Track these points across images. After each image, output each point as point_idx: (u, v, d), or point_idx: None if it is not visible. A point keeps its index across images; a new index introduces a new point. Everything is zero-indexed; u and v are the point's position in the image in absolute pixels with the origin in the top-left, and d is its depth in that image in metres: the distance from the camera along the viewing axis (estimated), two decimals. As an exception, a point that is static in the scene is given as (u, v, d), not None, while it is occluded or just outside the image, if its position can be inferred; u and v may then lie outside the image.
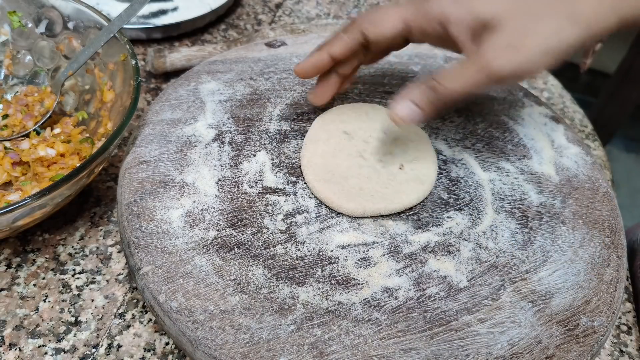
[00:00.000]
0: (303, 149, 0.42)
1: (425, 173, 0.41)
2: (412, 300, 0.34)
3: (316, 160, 0.40)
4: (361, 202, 0.38)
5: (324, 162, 0.40)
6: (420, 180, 0.40)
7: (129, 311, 0.38)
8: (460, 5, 0.35)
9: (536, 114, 0.49)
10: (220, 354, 0.30)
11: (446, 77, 0.35)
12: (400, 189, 0.39)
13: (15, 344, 0.36)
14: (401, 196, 0.39)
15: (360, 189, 0.39)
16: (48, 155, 0.41)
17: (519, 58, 0.33)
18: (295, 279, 0.34)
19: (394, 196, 0.39)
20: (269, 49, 0.52)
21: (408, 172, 0.41)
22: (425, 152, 0.42)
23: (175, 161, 0.40)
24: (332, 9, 0.74)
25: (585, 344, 0.33)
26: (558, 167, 0.44)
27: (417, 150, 0.42)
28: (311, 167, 0.40)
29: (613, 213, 0.41)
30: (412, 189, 0.39)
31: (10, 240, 0.42)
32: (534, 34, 0.33)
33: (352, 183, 0.39)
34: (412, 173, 0.41)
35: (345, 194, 0.38)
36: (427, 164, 0.41)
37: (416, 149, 0.42)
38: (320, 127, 0.43)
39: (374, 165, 0.41)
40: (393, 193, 0.39)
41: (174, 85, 0.46)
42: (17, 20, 0.48)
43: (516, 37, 0.34)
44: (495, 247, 0.38)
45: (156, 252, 0.34)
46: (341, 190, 0.39)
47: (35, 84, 0.49)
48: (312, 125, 0.44)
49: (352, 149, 0.42)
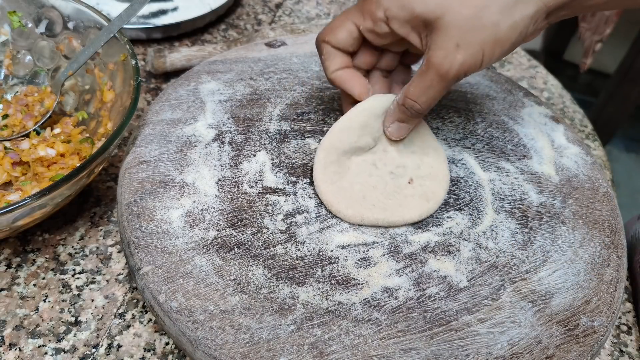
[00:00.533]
0: (319, 148, 0.41)
1: (433, 191, 0.40)
2: (412, 300, 0.34)
3: (328, 160, 0.40)
4: (360, 210, 0.38)
5: (334, 165, 0.40)
6: (427, 197, 0.39)
7: (129, 311, 0.38)
8: (395, 0, 0.35)
9: (536, 114, 0.49)
10: (220, 354, 0.30)
11: (416, 94, 0.36)
12: (404, 202, 0.39)
13: (15, 344, 0.36)
14: (403, 210, 0.38)
15: (363, 197, 0.39)
16: (48, 155, 0.41)
17: (472, 58, 0.33)
18: (295, 279, 0.34)
19: (395, 209, 0.38)
20: (269, 49, 0.52)
21: (416, 187, 0.40)
22: (439, 170, 0.41)
23: (175, 161, 0.40)
24: (332, 9, 0.74)
25: (585, 344, 0.33)
26: (558, 167, 0.44)
27: (431, 167, 0.41)
28: (321, 168, 0.40)
29: (613, 213, 0.41)
30: (415, 204, 0.39)
31: (10, 240, 0.42)
32: (481, 27, 0.32)
33: (356, 189, 0.39)
34: (420, 189, 0.40)
35: (347, 199, 0.38)
36: (437, 182, 0.41)
37: (430, 166, 0.41)
38: (360, 113, 0.41)
39: (383, 175, 0.40)
40: (395, 206, 0.39)
41: (174, 85, 0.46)
42: (17, 20, 0.48)
43: (463, 34, 0.33)
44: (495, 247, 0.38)
45: (156, 252, 0.34)
46: (343, 195, 0.38)
47: (35, 84, 0.49)
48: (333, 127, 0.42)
49: (367, 156, 0.41)
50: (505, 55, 0.34)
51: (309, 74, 0.49)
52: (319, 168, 0.39)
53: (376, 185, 0.40)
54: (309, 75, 0.49)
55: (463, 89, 0.50)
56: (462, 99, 0.49)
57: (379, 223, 0.38)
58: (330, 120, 0.45)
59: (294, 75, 0.49)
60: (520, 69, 0.68)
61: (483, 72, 0.53)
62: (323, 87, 0.48)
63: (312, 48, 0.52)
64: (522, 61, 0.70)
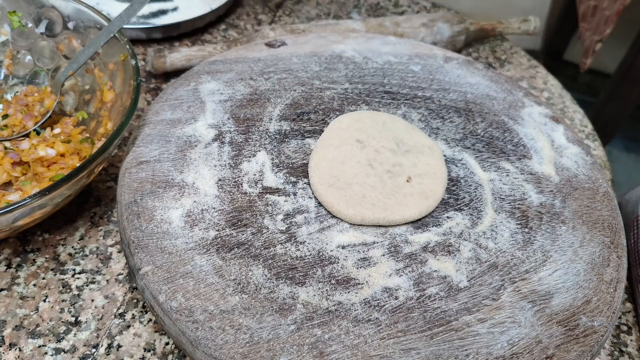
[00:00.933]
0: (313, 151, 0.42)
1: (432, 189, 0.40)
2: (412, 300, 0.34)
3: (324, 164, 0.40)
4: (361, 210, 0.38)
5: (330, 167, 0.40)
6: (426, 195, 0.40)
7: (129, 311, 0.38)
8: None
9: (536, 114, 0.49)
10: (220, 354, 0.30)
11: None
12: (403, 201, 0.39)
13: (15, 344, 0.36)
14: (403, 209, 0.38)
15: (362, 197, 0.39)
16: (48, 155, 0.41)
17: None
18: (295, 279, 0.34)
19: (395, 208, 0.38)
20: (269, 49, 0.52)
21: (415, 185, 0.40)
22: (436, 168, 0.42)
23: (175, 161, 0.40)
24: (332, 9, 0.74)
25: (585, 344, 0.33)
26: (558, 167, 0.44)
27: (427, 165, 0.42)
28: (318, 170, 0.40)
29: (613, 213, 0.41)
30: (415, 202, 0.39)
31: (10, 240, 0.42)
32: None
33: (355, 190, 0.39)
34: (419, 187, 0.40)
35: (347, 200, 0.38)
36: (435, 180, 0.41)
37: (427, 164, 0.42)
38: (335, 132, 0.43)
39: (381, 175, 0.41)
40: (395, 204, 0.39)
41: (174, 85, 0.46)
42: (17, 20, 0.48)
43: None
44: (495, 247, 0.38)
45: (156, 252, 0.34)
46: (343, 195, 0.39)
47: (35, 84, 0.49)
48: (327, 129, 0.44)
49: (362, 157, 0.41)
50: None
51: (309, 74, 0.50)
52: (315, 175, 0.40)
53: (374, 185, 0.40)
54: (309, 75, 0.49)
55: (463, 89, 0.50)
56: (462, 99, 0.49)
57: (380, 222, 0.38)
58: (330, 120, 0.45)
59: (294, 75, 0.49)
60: (520, 69, 0.68)
61: (483, 72, 0.53)
62: (323, 87, 0.48)
63: (312, 48, 0.52)
64: (522, 61, 0.70)
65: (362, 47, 0.54)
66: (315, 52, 0.52)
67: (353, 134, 0.43)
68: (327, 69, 0.50)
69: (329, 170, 0.40)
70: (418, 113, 0.47)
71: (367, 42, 0.54)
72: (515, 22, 0.66)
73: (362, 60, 0.52)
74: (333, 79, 0.49)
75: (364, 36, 0.55)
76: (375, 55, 0.53)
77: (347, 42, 0.54)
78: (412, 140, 0.43)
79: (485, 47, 0.71)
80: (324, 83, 0.49)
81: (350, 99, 0.48)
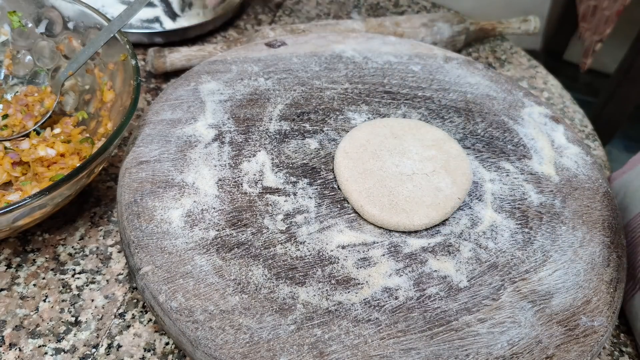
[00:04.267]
0: (343, 140, 0.42)
1: (454, 191, 0.40)
2: (412, 300, 0.34)
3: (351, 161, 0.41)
4: (385, 211, 0.37)
5: (358, 166, 0.40)
6: (448, 198, 0.39)
7: (129, 311, 0.38)
8: None
9: (536, 114, 0.49)
10: (220, 354, 0.30)
11: None
12: (425, 203, 0.38)
13: (15, 344, 0.36)
14: (427, 210, 0.38)
15: (388, 198, 0.38)
16: (48, 155, 0.41)
17: None
18: (295, 279, 0.34)
19: (417, 211, 0.38)
20: (269, 49, 0.52)
21: (437, 189, 0.40)
22: (462, 170, 0.41)
23: (175, 161, 0.40)
24: (332, 9, 0.74)
25: (585, 344, 0.33)
26: (558, 167, 0.44)
27: (454, 185, 0.40)
28: (345, 167, 0.40)
29: (613, 213, 0.41)
30: (435, 207, 0.38)
31: (10, 240, 0.42)
32: None
33: (381, 191, 0.39)
34: (441, 193, 0.39)
35: (372, 199, 0.38)
36: (458, 185, 0.40)
37: (451, 169, 0.41)
38: (368, 127, 0.44)
39: (406, 176, 0.40)
40: (419, 208, 0.38)
41: (174, 85, 0.46)
42: (17, 20, 0.48)
43: None
44: (495, 247, 0.38)
45: (156, 252, 0.34)
46: (368, 194, 0.38)
47: (35, 84, 0.49)
48: (360, 126, 0.44)
49: (387, 159, 0.41)
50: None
51: (309, 74, 0.50)
52: (343, 167, 0.40)
53: (398, 186, 0.39)
54: (309, 75, 0.49)
55: (463, 89, 0.50)
56: (462, 99, 0.49)
57: (400, 228, 0.38)
58: (330, 120, 0.45)
59: (294, 75, 0.49)
60: (520, 69, 0.68)
61: (483, 72, 0.53)
62: (323, 87, 0.48)
63: (312, 48, 0.52)
64: (522, 61, 0.70)
65: (362, 47, 0.54)
66: (315, 52, 0.52)
67: (386, 130, 0.43)
68: (327, 69, 0.50)
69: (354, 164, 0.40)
70: (418, 113, 0.47)
71: (367, 42, 0.54)
72: (515, 22, 0.66)
73: (362, 60, 0.52)
74: (333, 79, 0.49)
75: (364, 36, 0.55)
76: (375, 55, 0.53)
77: (347, 42, 0.54)
78: (437, 146, 0.43)
79: (485, 47, 0.71)
80: (324, 83, 0.49)
81: (350, 99, 0.48)
